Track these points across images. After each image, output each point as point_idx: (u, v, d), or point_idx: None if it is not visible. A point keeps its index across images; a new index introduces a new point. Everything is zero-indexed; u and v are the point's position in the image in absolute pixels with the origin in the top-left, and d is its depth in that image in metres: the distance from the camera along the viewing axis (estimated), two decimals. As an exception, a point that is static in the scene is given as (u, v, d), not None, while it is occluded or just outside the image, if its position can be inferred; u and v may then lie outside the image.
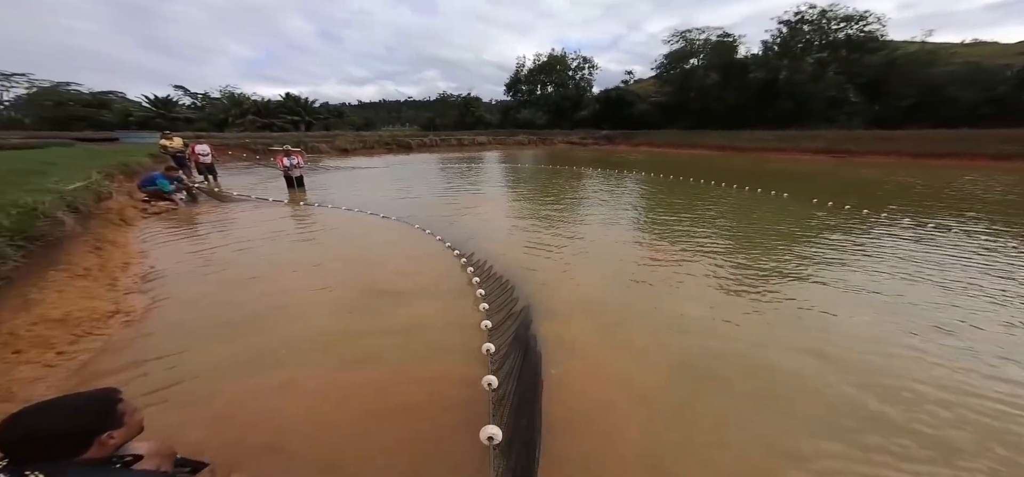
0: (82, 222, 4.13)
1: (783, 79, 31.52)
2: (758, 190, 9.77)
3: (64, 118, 34.13)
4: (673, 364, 2.57)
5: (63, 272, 3.25)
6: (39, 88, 36.34)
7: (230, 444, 1.86)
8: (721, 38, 37.21)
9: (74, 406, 1.11)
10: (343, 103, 57.31)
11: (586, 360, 2.60)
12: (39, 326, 2.57)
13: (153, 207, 6.58)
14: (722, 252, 4.91)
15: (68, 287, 3.11)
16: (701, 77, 37.91)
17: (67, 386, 2.24)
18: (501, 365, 2.34)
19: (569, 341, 2.81)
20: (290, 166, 8.86)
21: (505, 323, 2.94)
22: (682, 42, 39.12)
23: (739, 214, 7.26)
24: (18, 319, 2.54)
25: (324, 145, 24.18)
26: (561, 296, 3.55)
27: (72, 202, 4.09)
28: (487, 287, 3.56)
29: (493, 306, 3.21)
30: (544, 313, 3.21)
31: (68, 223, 3.69)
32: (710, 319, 3.18)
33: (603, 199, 8.74)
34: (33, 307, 2.69)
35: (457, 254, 4.43)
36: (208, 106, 39.24)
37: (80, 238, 3.91)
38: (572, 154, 26.13)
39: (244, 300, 3.44)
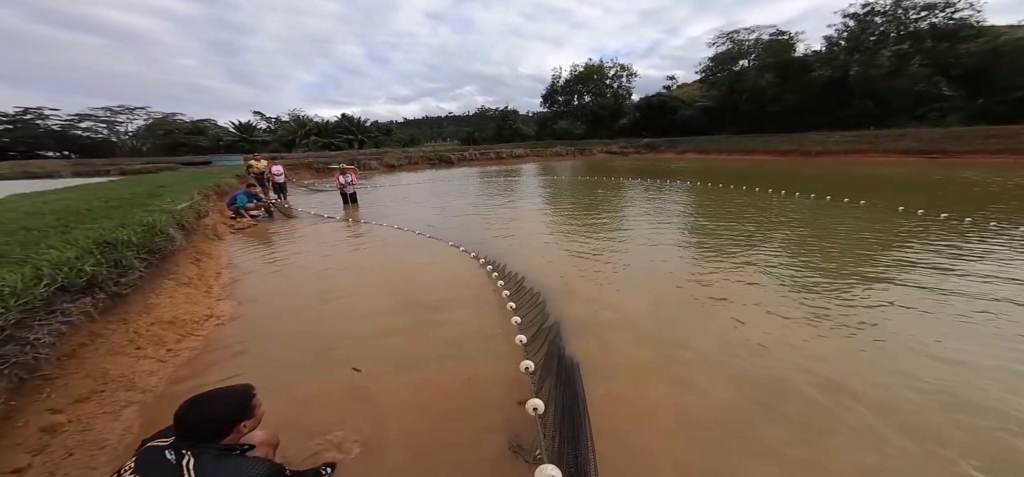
0: (186, 237, 4.92)
1: (855, 76, 28.28)
2: (827, 197, 8.84)
3: (172, 145, 40.70)
4: (728, 392, 2.38)
5: (172, 280, 3.90)
6: (154, 119, 43.81)
7: (304, 431, 2.12)
8: (775, 37, 34.48)
9: (229, 397, 1.36)
10: (391, 121, 61.63)
11: (629, 385, 2.49)
12: (155, 327, 3.11)
13: (238, 223, 7.61)
14: (785, 268, 4.50)
15: (176, 293, 3.71)
16: (753, 78, 35.33)
17: (175, 378, 2.67)
18: (540, 388, 2.33)
19: (609, 364, 2.71)
20: (345, 183, 9.73)
21: (539, 344, 2.89)
22: (729, 44, 37.03)
23: (806, 225, 6.61)
24: (141, 320, 3.09)
25: (374, 162, 26.18)
26: (602, 315, 3.44)
27: (180, 220, 4.89)
28: (519, 301, 3.63)
29: (526, 320, 3.24)
30: (581, 332, 3.13)
31: (177, 238, 4.42)
32: (773, 343, 2.91)
33: (647, 210, 8.42)
34: (151, 310, 3.26)
35: (495, 275, 4.37)
36: (279, 129, 44.48)
37: (184, 251, 4.66)
38: (612, 164, 25.52)
39: (309, 306, 3.87)
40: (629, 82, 47.90)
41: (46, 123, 39.10)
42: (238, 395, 1.38)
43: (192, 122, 44.44)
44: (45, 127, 39.04)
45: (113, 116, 42.76)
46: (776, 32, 34.67)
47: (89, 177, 19.11)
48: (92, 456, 1.92)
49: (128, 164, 26.57)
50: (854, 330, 3.07)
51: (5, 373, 1.81)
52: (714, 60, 38.51)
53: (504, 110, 52.75)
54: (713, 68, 39.08)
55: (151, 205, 5.31)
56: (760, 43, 35.44)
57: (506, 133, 49.13)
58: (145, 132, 43.42)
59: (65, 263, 2.63)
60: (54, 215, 4.45)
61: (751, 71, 36.13)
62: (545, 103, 50.61)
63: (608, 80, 47.51)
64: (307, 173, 21.20)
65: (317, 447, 2.00)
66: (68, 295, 2.47)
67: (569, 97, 48.90)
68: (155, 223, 4.09)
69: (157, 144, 41.38)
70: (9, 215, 4.62)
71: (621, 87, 47.92)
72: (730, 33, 36.97)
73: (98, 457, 1.93)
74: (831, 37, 31.28)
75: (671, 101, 44.49)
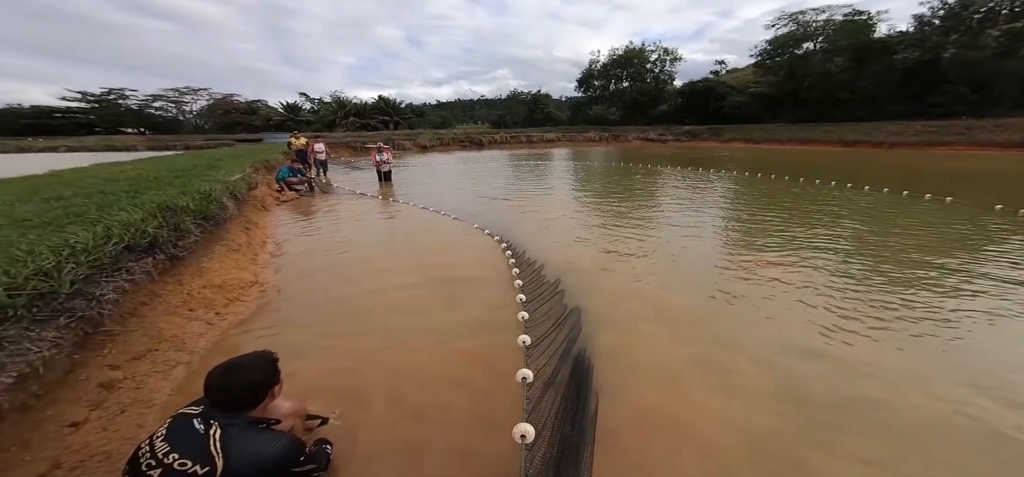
0: (238, 206, 5.16)
1: (950, 58, 24.47)
2: (904, 193, 7.75)
3: (229, 123, 43.98)
4: (777, 400, 2.07)
5: (223, 246, 4.08)
6: (214, 100, 47.54)
7: (336, 389, 2.17)
8: (850, 17, 30.47)
9: (259, 361, 1.36)
10: (424, 103, 62.69)
11: (659, 386, 2.22)
12: (206, 290, 3.24)
13: (283, 196, 7.99)
14: (848, 267, 3.99)
15: (226, 259, 3.87)
16: (820, 62, 31.68)
17: (221, 340, 2.75)
18: (539, 399, 2.09)
19: (637, 361, 2.47)
20: (381, 162, 9.97)
21: (548, 340, 2.65)
22: (792, 25, 33.35)
23: (875, 222, 5.88)
24: (194, 283, 3.23)
25: (408, 142, 26.71)
26: (631, 307, 3.18)
27: (232, 190, 5.13)
28: (533, 292, 3.40)
29: (534, 317, 3.00)
30: (606, 325, 2.89)
31: (230, 207, 4.62)
32: (829, 348, 2.58)
33: (687, 200, 7.81)
34: (204, 274, 3.40)
35: (512, 261, 4.16)
36: (322, 109, 46.61)
37: (236, 219, 4.89)
38: (647, 151, 24.20)
39: (345, 276, 3.98)
40: (672, 66, 44.89)
41: (126, 102, 43.70)
42: (264, 359, 1.38)
43: (247, 102, 47.73)
44: (125, 106, 43.66)
45: (180, 97, 46.92)
46: (852, 12, 30.63)
47: (160, 151, 21.12)
48: (141, 414, 1.97)
49: (191, 140, 29.13)
50: (943, 341, 2.63)
51: (72, 327, 1.88)
52: (772, 43, 35.07)
53: (536, 94, 51.63)
54: (771, 51, 35.61)
55: (208, 176, 5.62)
56: (831, 24, 31.60)
57: (537, 117, 48.14)
58: (207, 111, 47.32)
59: (132, 224, 2.75)
60: (127, 182, 4.81)
61: (817, 54, 32.49)
62: (580, 87, 48.81)
63: (649, 64, 44.80)
64: (347, 151, 22.06)
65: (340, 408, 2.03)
66: (133, 255, 2.58)
67: (606, 82, 46.79)
68: (210, 191, 4.27)
69: (216, 123, 44.98)
70: (91, 181, 5.07)
71: (663, 72, 45.06)
72: (794, 14, 33.27)
73: (146, 415, 1.98)
74: (923, 16, 27.17)
75: (718, 86, 41.19)
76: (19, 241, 2.36)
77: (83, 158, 15.56)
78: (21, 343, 1.62)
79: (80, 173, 6.09)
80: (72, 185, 4.62)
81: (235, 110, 45.96)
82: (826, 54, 31.67)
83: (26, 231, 2.64)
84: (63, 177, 5.71)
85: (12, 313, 1.68)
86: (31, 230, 2.66)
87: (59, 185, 4.66)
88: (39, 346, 1.66)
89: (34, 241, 2.32)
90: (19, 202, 3.70)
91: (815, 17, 32.29)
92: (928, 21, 26.90)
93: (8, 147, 25.73)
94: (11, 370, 1.51)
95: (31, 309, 1.78)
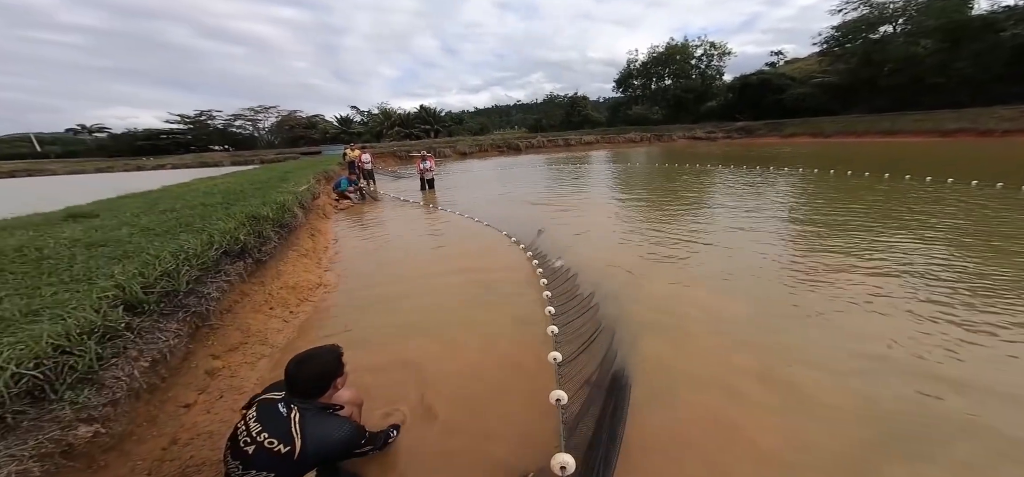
0: (305, 215, 5.75)
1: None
2: (1022, 188, 6.53)
3: (293, 138, 49.01)
4: (861, 422, 1.82)
5: (295, 251, 4.56)
6: (281, 116, 53.33)
7: (389, 384, 2.37)
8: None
9: (328, 354, 1.54)
10: (462, 110, 64.69)
11: (710, 402, 2.03)
12: (283, 290, 3.64)
13: (340, 205, 8.74)
14: (943, 272, 3.49)
15: (297, 263, 4.33)
16: (903, 46, 27.79)
17: (295, 336, 3.09)
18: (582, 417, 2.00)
19: (682, 372, 2.33)
20: (424, 169, 10.44)
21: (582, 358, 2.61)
22: (864, 8, 29.73)
23: (980, 222, 5.09)
24: (273, 284, 3.66)
25: (448, 149, 27.79)
26: (676, 314, 2.95)
27: (301, 200, 5.73)
28: (562, 305, 3.32)
29: (567, 332, 2.95)
30: (651, 331, 2.76)
31: (300, 215, 5.16)
32: (922, 364, 2.27)
33: (740, 200, 7.20)
34: (280, 276, 3.83)
35: (539, 271, 4.08)
36: (370, 121, 50.25)
37: (303, 227, 5.45)
38: (696, 150, 22.76)
39: (395, 278, 4.30)
40: (720, 61, 41.95)
41: (213, 123, 50.70)
42: (333, 353, 1.56)
43: (307, 118, 52.99)
44: (213, 126, 50.66)
45: (255, 115, 53.37)
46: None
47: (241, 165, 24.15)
48: (235, 400, 2.27)
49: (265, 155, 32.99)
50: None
51: (187, 320, 2.23)
52: (841, 29, 31.49)
53: (573, 96, 51.05)
54: (839, 38, 31.95)
55: (281, 187, 6.33)
56: (913, 4, 27.66)
57: (575, 120, 47.55)
58: (276, 127, 53.27)
59: (228, 232, 3.20)
60: (220, 194, 5.58)
61: (899, 38, 28.56)
62: (619, 87, 47.49)
63: (694, 60, 42.30)
64: (393, 160, 23.49)
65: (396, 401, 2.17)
66: (228, 259, 3.00)
67: (646, 80, 45.02)
68: (285, 202, 4.81)
69: (284, 137, 50.42)
70: (193, 194, 5.97)
71: (710, 67, 42.28)
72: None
73: (240, 402, 2.27)
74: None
75: (776, 79, 37.67)
76: (148, 247, 2.86)
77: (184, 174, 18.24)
78: (153, 333, 1.96)
79: (184, 188, 7.19)
80: (180, 198, 5.47)
81: (298, 125, 51.21)
82: (910, 36, 27.74)
83: (151, 239, 3.19)
84: (172, 191, 6.79)
85: (147, 307, 2.04)
86: (154, 238, 3.21)
87: (170, 199, 5.55)
88: (165, 336, 2.00)
89: (159, 247, 2.79)
90: (143, 214, 4.46)
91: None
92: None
93: (129, 166, 31.15)
94: (147, 356, 1.83)
95: (159, 304, 2.14)
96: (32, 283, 2.26)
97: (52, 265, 2.63)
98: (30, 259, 2.72)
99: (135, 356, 1.76)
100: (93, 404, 1.43)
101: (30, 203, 6.48)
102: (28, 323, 1.73)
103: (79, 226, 4.00)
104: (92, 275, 2.36)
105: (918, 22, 27.45)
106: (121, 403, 1.55)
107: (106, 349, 1.66)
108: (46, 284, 2.26)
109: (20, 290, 2.11)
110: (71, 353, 1.56)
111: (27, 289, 2.13)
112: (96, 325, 1.72)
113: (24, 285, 2.19)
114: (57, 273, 2.46)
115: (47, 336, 1.57)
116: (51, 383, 1.41)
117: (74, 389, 1.44)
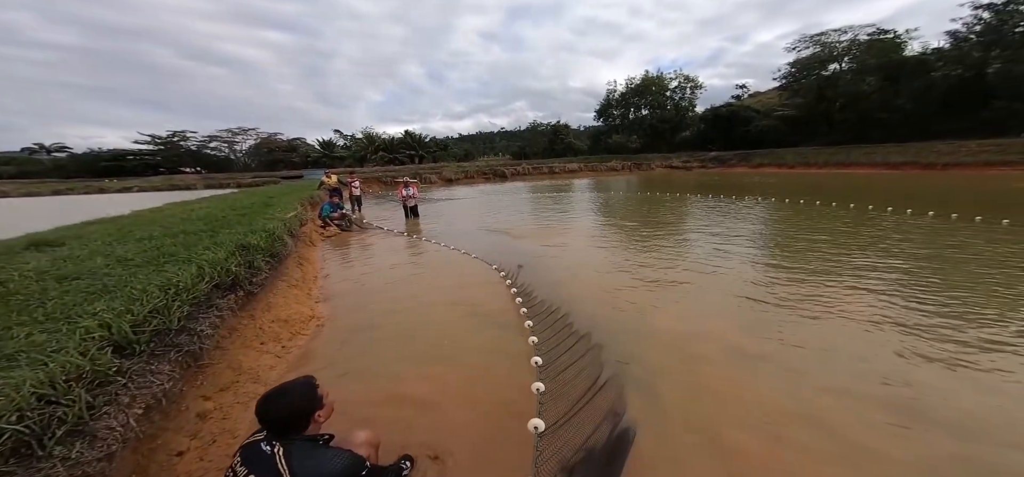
0: (294, 243, 5.57)
1: (996, 73, 23.31)
2: (977, 219, 7.27)
3: (272, 161, 47.86)
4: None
5: (284, 282, 4.39)
6: (260, 139, 52.15)
7: (384, 418, 2.28)
8: (876, 36, 30.06)
9: (300, 389, 1.44)
10: (447, 137, 65.61)
11: (756, 456, 2.01)
12: (274, 324, 3.48)
13: (326, 231, 8.52)
14: (908, 297, 3.74)
15: (287, 294, 4.16)
16: (851, 83, 31.07)
17: (289, 372, 2.94)
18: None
19: (710, 420, 2.28)
20: (407, 196, 10.14)
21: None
22: (815, 47, 33.28)
23: (938, 248, 5.61)
24: (263, 317, 3.48)
25: (434, 176, 27.90)
26: (688, 354, 3.00)
27: (289, 228, 5.56)
28: (546, 339, 3.37)
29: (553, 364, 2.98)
30: (660, 379, 2.71)
31: (289, 244, 5.00)
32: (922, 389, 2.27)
33: (727, 229, 7.58)
34: (271, 308, 3.67)
35: (519, 300, 4.11)
36: (354, 145, 49.97)
37: (292, 255, 5.27)
38: (673, 178, 23.92)
39: (384, 310, 4.17)
40: (693, 93, 45.17)
41: (186, 144, 48.88)
42: (304, 387, 1.46)
43: (288, 141, 52.08)
44: (185, 147, 48.81)
45: (232, 137, 51.96)
46: (877, 31, 30.19)
47: (215, 189, 23.19)
48: (229, 444, 2.11)
49: (241, 178, 31.87)
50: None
51: (179, 360, 2.09)
52: (796, 65, 34.91)
53: (556, 125, 53.02)
54: (795, 74, 35.31)
55: (266, 213, 6.13)
56: (857, 44, 31.22)
57: (558, 147, 49.16)
58: (253, 150, 51.93)
59: (217, 263, 3.06)
60: (200, 221, 5.34)
61: (846, 75, 31.95)
62: (599, 117, 49.82)
63: (669, 92, 45.32)
64: (377, 186, 23.28)
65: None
66: (219, 291, 2.86)
67: (624, 110, 47.55)
68: (274, 229, 4.66)
69: (262, 160, 49.13)
70: (169, 220, 5.68)
71: (684, 98, 45.36)
72: (816, 36, 33.25)
73: (233, 445, 2.11)
74: (958, 32, 26.22)
75: (743, 111, 40.78)
76: (130, 280, 2.69)
77: (153, 198, 17.28)
78: (146, 376, 1.83)
79: (157, 213, 6.83)
80: (156, 224, 5.19)
81: (278, 148, 50.18)
82: (856, 74, 31.01)
83: (131, 270, 3.00)
84: (144, 216, 6.43)
85: (138, 348, 1.91)
86: (135, 269, 3.02)
87: (144, 225, 5.25)
88: (159, 379, 1.87)
89: (144, 280, 2.63)
90: (116, 242, 4.19)
91: (838, 38, 32.08)
92: (964, 37, 25.88)
93: (90, 188, 29.23)
94: (140, 402, 1.70)
95: (150, 344, 2.01)
96: (1, 322, 2.07)
97: (20, 301, 2.42)
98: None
99: (128, 402, 1.63)
100: (87, 459, 1.31)
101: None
102: (4, 370, 1.58)
103: (44, 256, 3.72)
104: (70, 313, 2.20)
105: (862, 60, 30.74)
106: (117, 456, 1.42)
107: (97, 397, 1.54)
108: (17, 323, 2.07)
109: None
110: (57, 403, 1.43)
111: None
112: (84, 370, 1.59)
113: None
114: (28, 311, 2.26)
115: (29, 384, 1.44)
116: (38, 437, 1.29)
117: (63, 444, 1.32)
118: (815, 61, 33.55)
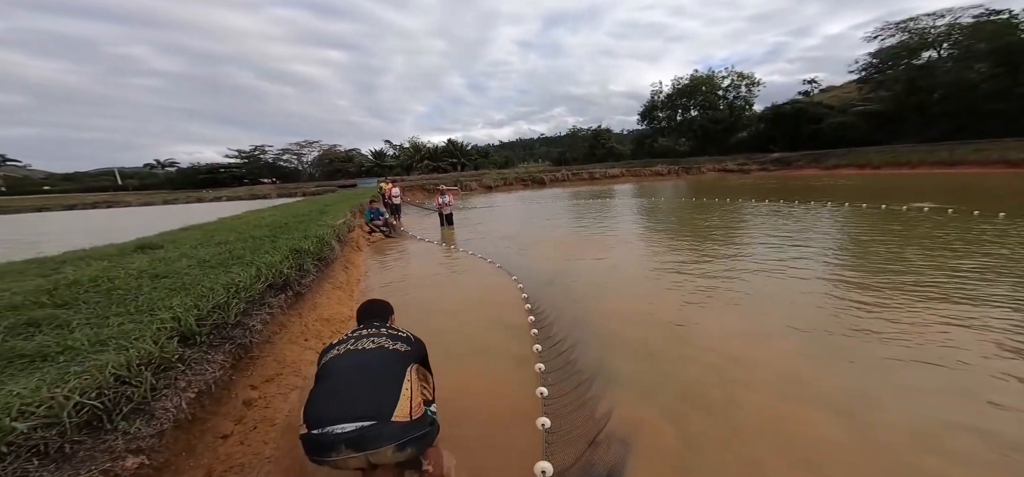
0: (341, 247, 6.03)
1: None
2: None
3: (333, 171, 52.87)
4: None
5: (330, 284, 4.75)
6: (322, 151, 58.03)
7: None
8: (984, 17, 25.17)
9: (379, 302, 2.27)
10: (488, 144, 67.36)
11: None
12: (318, 323, 3.76)
13: (372, 237, 9.15)
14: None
15: (331, 295, 4.49)
16: (953, 71, 26.38)
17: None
18: None
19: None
20: (443, 204, 10.38)
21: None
22: (902, 34, 28.77)
23: None
24: (309, 316, 3.79)
25: (474, 183, 28.74)
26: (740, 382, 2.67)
27: (337, 233, 6.03)
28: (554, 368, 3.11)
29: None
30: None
31: (336, 248, 5.42)
32: None
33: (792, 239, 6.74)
34: (316, 308, 3.98)
35: (532, 319, 4.03)
36: (401, 155, 53.41)
37: (339, 259, 5.71)
38: (727, 183, 22.00)
39: (418, 316, 4.28)
40: (749, 91, 41.44)
41: (264, 156, 56.02)
42: (382, 301, 2.30)
43: (345, 151, 57.29)
44: (263, 159, 55.94)
45: (300, 149, 58.50)
46: (986, 12, 25.25)
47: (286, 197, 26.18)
48: (267, 432, 2.29)
49: (306, 187, 35.70)
50: None
51: (232, 351, 2.33)
52: (879, 56, 30.47)
53: (597, 129, 51.84)
54: (878, 65, 30.83)
55: (320, 220, 6.73)
56: (958, 28, 26.42)
57: (599, 153, 47.97)
58: (317, 161, 57.92)
59: (273, 265, 3.39)
60: (267, 227, 6.01)
61: (946, 63, 27.20)
62: (643, 120, 47.79)
63: (721, 91, 42.08)
64: (421, 193, 24.56)
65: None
66: (272, 291, 3.15)
67: (671, 112, 45.08)
68: (323, 235, 5.08)
69: (324, 170, 54.56)
70: (244, 226, 6.47)
71: (738, 97, 41.79)
72: (902, 22, 28.80)
73: (270, 433, 2.29)
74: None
75: (811, 108, 36.54)
76: (203, 279, 3.08)
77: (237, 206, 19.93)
78: (202, 364, 2.05)
79: (237, 220, 7.83)
80: (233, 230, 5.94)
81: (337, 158, 55.38)
82: (959, 61, 26.28)
83: (206, 271, 3.44)
84: (227, 224, 7.41)
85: (199, 339, 2.16)
86: (209, 270, 3.46)
87: (225, 231, 6.03)
88: (212, 367, 2.08)
89: (213, 280, 3.00)
90: (201, 246, 4.85)
91: (932, 23, 27.41)
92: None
93: (190, 198, 34.78)
94: (194, 387, 1.91)
95: (209, 336, 2.26)
96: (102, 312, 2.47)
97: (121, 296, 2.87)
98: (103, 289, 3.00)
99: (183, 387, 1.83)
100: (143, 435, 1.48)
101: (108, 232, 7.27)
102: (95, 353, 1.87)
103: (146, 257, 4.41)
104: (154, 306, 2.56)
105: (967, 46, 26.06)
106: (167, 434, 1.59)
107: (160, 380, 1.75)
108: (114, 314, 2.45)
109: (91, 320, 2.30)
110: (129, 383, 1.65)
111: (97, 319, 2.32)
112: (154, 356, 1.83)
113: (95, 315, 2.39)
114: (124, 303, 2.68)
115: (111, 366, 1.68)
116: (108, 413, 1.49)
117: (127, 419, 1.51)
118: (903, 50, 29.10)
